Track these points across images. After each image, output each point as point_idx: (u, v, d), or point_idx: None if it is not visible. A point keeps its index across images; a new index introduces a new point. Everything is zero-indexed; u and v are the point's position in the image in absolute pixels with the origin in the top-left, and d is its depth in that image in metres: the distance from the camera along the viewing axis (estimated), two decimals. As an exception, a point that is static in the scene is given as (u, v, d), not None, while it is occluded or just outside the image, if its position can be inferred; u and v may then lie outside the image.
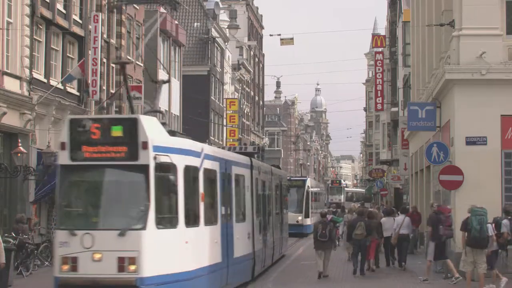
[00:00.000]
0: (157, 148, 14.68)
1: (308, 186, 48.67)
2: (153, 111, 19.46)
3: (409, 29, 38.87)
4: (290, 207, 40.68)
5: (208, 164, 17.42)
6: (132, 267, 14.14)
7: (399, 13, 48.37)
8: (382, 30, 77.27)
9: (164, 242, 14.72)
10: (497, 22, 22.32)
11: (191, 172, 16.17)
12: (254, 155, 25.12)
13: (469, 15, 22.18)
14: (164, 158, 14.78)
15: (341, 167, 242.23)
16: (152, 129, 14.77)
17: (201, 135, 58.72)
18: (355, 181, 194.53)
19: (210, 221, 17.34)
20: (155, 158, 14.56)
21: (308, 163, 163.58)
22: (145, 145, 14.51)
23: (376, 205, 50.37)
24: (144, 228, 14.32)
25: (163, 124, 15.94)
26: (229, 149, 23.93)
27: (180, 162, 15.44)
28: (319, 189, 62.30)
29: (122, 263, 14.18)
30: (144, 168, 14.52)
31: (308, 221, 47.70)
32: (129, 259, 14.17)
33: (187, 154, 15.99)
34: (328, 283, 22.39)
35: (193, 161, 16.35)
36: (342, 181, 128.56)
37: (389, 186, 58.82)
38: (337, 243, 32.00)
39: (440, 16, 25.57)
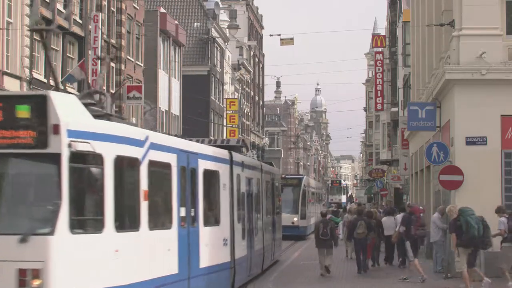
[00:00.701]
0: (73, 133, 11.67)
1: (304, 185, 45.97)
2: (94, 92, 15.39)
3: (409, 29, 38.87)
4: (285, 208, 39.12)
5: (157, 156, 14.18)
6: (36, 282, 11.09)
7: (399, 13, 48.37)
8: (382, 30, 77.28)
9: (82, 250, 11.72)
10: (497, 22, 22.32)
11: (126, 165, 13.00)
12: (239, 149, 22.27)
13: (469, 15, 22.17)
14: (83, 146, 11.74)
15: (341, 167, 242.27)
16: (67, 110, 11.77)
17: (201, 135, 58.77)
18: (355, 181, 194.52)
19: (159, 224, 14.35)
20: (70, 145, 11.53)
21: (308, 163, 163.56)
22: (56, 129, 11.47)
23: (375, 205, 50.42)
24: (52, 232, 11.20)
25: (90, 104, 13.08)
26: (209, 142, 20.98)
27: (109, 151, 12.43)
28: (317, 188, 60.05)
29: (23, 277, 11.15)
30: (55, 158, 11.45)
31: (305, 223, 45.30)
32: (32, 271, 11.13)
33: (120, 142, 12.83)
34: (329, 283, 22.39)
35: (130, 151, 13.10)
36: (342, 181, 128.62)
37: (389, 186, 58.80)
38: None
39: (440, 16, 25.57)
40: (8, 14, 28.82)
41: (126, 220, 13.06)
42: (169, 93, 52.40)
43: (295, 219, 44.01)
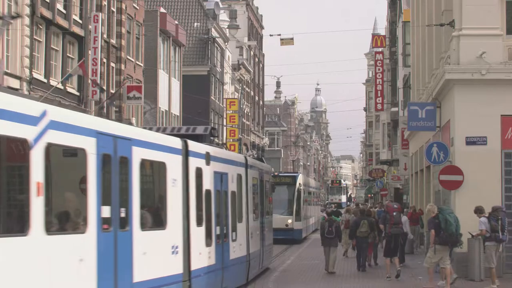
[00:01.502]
0: None
1: (299, 184, 41.69)
2: None
3: (409, 29, 38.87)
4: (278, 209, 37.16)
5: (61, 138, 11.08)
6: None
7: (399, 13, 48.38)
8: (382, 30, 77.34)
9: None
10: (497, 22, 22.32)
11: (7, 148, 10.08)
12: (205, 138, 18.66)
13: (469, 15, 22.17)
14: None
15: (341, 167, 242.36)
16: None
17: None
18: (355, 181, 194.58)
19: (65, 227, 11.32)
20: None
21: (308, 163, 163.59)
22: None
23: (377, 204, 50.42)
24: None
25: None
26: (171, 131, 18.58)
27: None
28: (314, 187, 56.47)
29: None
30: None
31: (300, 225, 41.27)
32: None
33: None
34: (329, 283, 22.40)
35: (15, 130, 10.05)
36: (342, 181, 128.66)
37: (389, 186, 58.82)
38: None
39: (440, 16, 25.57)
40: (8, 14, 28.81)
41: (6, 221, 9.94)
42: (169, 93, 52.40)
43: (290, 221, 40.22)
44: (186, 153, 15.86)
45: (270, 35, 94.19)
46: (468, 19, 22.18)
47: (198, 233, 16.37)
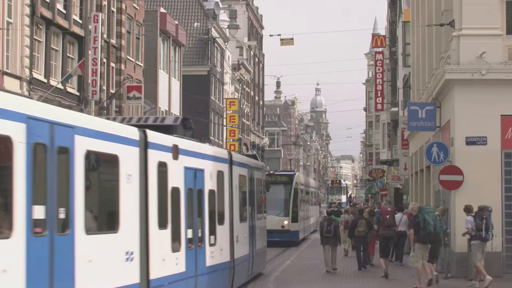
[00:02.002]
0: None
1: (296, 183, 39.96)
2: None
3: (409, 29, 38.87)
4: (273, 209, 35.88)
5: None
6: None
7: (399, 13, 48.38)
8: (382, 30, 77.34)
9: None
10: (497, 22, 22.32)
11: None
12: (176, 129, 16.51)
13: (469, 15, 22.17)
14: None
15: (341, 167, 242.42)
16: None
17: (201, 135, 58.76)
18: (355, 181, 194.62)
19: None
20: None
21: (308, 163, 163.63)
22: None
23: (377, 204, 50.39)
24: None
25: None
26: (138, 121, 16.53)
27: None
28: (312, 187, 54.55)
29: None
30: None
31: (297, 226, 39.49)
32: None
33: None
34: (329, 282, 22.41)
35: None
36: (342, 181, 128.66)
37: (389, 186, 58.80)
38: None
39: (440, 16, 25.57)
40: (8, 14, 28.83)
41: None
42: (169, 93, 52.41)
43: (286, 222, 38.37)
44: (144, 145, 13.57)
45: (270, 35, 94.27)
46: (468, 19, 22.18)
47: (160, 237, 14.07)
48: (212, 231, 17.45)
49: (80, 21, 35.49)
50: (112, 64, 40.54)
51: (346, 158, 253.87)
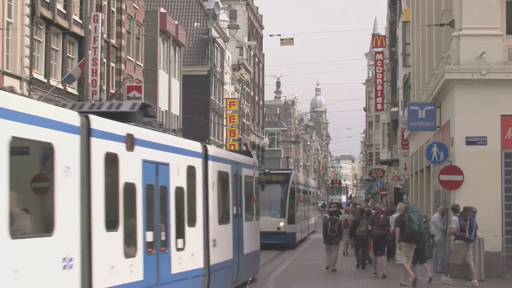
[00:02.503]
0: None
1: (293, 182, 37.85)
2: None
3: (409, 29, 38.87)
4: (268, 210, 34.99)
5: None
6: None
7: (399, 13, 48.38)
8: (382, 30, 77.34)
9: None
10: (497, 22, 22.31)
11: None
12: (135, 117, 14.25)
13: (469, 15, 22.16)
14: None
15: (341, 167, 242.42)
16: None
17: (201, 135, 58.81)
18: (355, 181, 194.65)
19: None
20: None
21: (308, 163, 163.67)
22: None
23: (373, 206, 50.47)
24: None
25: None
26: (72, 107, 14.18)
27: None
28: (310, 186, 52.27)
29: None
30: None
31: (294, 228, 37.50)
32: None
33: None
34: (329, 282, 22.41)
35: None
36: (342, 181, 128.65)
37: (389, 186, 58.81)
38: None
39: (440, 16, 25.56)
40: (8, 14, 28.83)
41: None
42: (169, 93, 52.41)
43: (281, 223, 36.33)
44: (87, 132, 11.57)
45: (270, 35, 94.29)
46: (468, 19, 22.17)
47: (108, 240, 12.00)
48: (180, 234, 15.19)
49: (80, 21, 35.49)
50: (112, 64, 40.54)
51: (346, 158, 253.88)
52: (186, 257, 15.46)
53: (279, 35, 44.92)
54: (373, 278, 23.24)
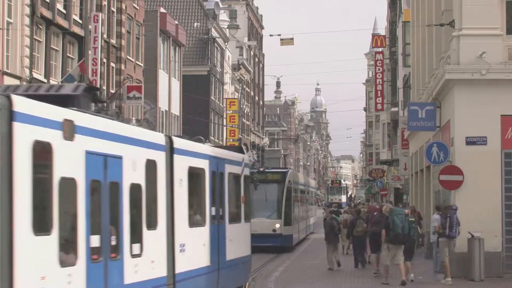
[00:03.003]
0: None
1: (289, 181, 35.65)
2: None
3: (409, 29, 38.88)
4: (263, 211, 33.46)
5: None
6: None
7: (399, 13, 48.39)
8: (382, 30, 77.34)
9: None
10: (497, 22, 22.32)
11: None
12: (70, 99, 12.12)
13: (469, 15, 22.17)
14: None
15: (341, 167, 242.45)
16: None
17: (201, 135, 58.58)
18: (355, 181, 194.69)
19: None
20: None
21: (308, 163, 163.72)
22: None
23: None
24: None
25: None
26: (5, 89, 12.27)
27: None
28: (308, 186, 49.99)
29: None
30: None
31: (290, 230, 35.38)
32: None
33: None
34: (329, 282, 22.41)
35: None
36: (342, 181, 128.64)
37: (389, 186, 58.83)
38: None
39: (440, 16, 25.57)
40: (8, 14, 28.83)
41: None
42: (169, 93, 52.41)
43: (277, 225, 34.24)
44: (8, 116, 9.68)
45: (270, 35, 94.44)
46: (468, 19, 22.18)
47: (37, 246, 10.05)
48: (136, 238, 12.99)
49: (80, 21, 35.49)
50: (112, 64, 40.54)
51: (346, 158, 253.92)
52: (144, 264, 13.20)
53: (279, 35, 45.03)
54: (373, 278, 23.24)
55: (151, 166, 13.60)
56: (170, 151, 14.54)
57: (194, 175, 15.90)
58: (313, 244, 38.58)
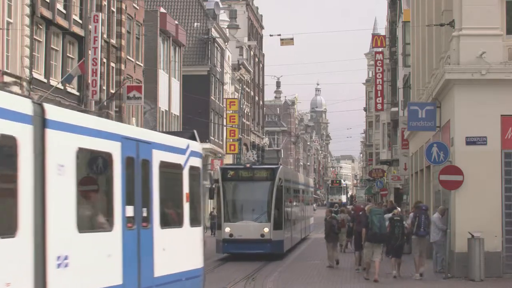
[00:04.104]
0: None
1: (280, 179, 31.02)
2: None
3: (409, 29, 38.88)
4: (249, 213, 30.71)
5: None
6: None
7: (399, 13, 48.39)
8: (382, 30, 77.36)
9: None
10: (497, 22, 22.32)
11: None
12: None
13: (469, 15, 22.17)
14: None
15: (341, 167, 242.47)
16: None
17: (201, 135, 58.66)
18: (355, 181, 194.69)
19: None
20: None
21: (308, 163, 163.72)
22: None
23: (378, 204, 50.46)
24: None
25: None
26: None
27: None
28: (303, 184, 45.14)
29: None
30: None
31: (281, 235, 30.79)
32: None
33: None
34: (329, 282, 22.39)
35: None
36: (342, 181, 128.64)
37: (389, 186, 58.83)
38: None
39: (440, 16, 25.57)
40: (8, 14, 28.83)
41: None
42: (169, 93, 52.41)
43: (266, 229, 30.14)
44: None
45: (270, 35, 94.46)
46: (468, 19, 22.18)
47: None
48: None
49: (80, 21, 35.49)
50: (112, 64, 40.54)
51: (346, 158, 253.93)
52: None
53: (279, 35, 45.00)
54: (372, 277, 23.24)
55: (6, 144, 9.69)
56: (42, 124, 10.41)
57: (91, 160, 12.02)
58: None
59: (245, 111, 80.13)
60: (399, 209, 25.80)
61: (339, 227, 27.49)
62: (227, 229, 30.30)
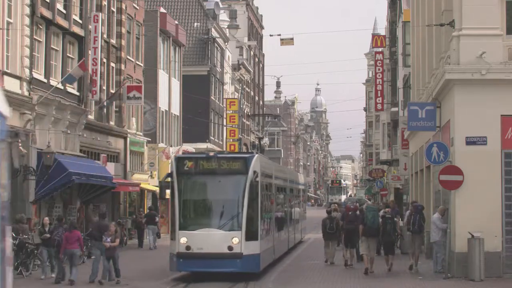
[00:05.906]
0: None
1: (255, 173, 23.32)
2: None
3: (409, 29, 38.88)
4: (211, 219, 23.19)
5: None
6: None
7: (399, 13, 48.38)
8: (382, 30, 77.32)
9: None
10: (497, 22, 22.32)
11: None
12: None
13: (469, 15, 22.17)
14: None
15: (341, 167, 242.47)
16: None
17: (201, 135, 58.82)
18: (355, 181, 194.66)
19: None
20: None
21: (308, 163, 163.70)
22: None
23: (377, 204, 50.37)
24: None
25: None
26: None
27: None
28: (290, 180, 35.22)
29: None
30: None
31: (256, 247, 23.16)
32: None
33: None
34: (329, 282, 22.41)
35: None
36: (342, 181, 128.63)
37: (389, 186, 58.82)
38: None
39: (440, 16, 25.57)
40: (8, 14, 28.82)
41: None
42: (169, 93, 52.41)
43: (235, 240, 22.59)
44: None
45: (270, 35, 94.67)
46: (468, 19, 22.18)
47: None
48: None
49: (80, 21, 35.48)
50: (112, 64, 40.54)
51: (346, 158, 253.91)
52: None
53: (279, 35, 44.99)
54: (374, 277, 23.26)
55: None
56: None
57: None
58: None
59: (245, 111, 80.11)
60: (389, 209, 26.61)
61: (332, 226, 28.46)
62: (183, 240, 22.57)
